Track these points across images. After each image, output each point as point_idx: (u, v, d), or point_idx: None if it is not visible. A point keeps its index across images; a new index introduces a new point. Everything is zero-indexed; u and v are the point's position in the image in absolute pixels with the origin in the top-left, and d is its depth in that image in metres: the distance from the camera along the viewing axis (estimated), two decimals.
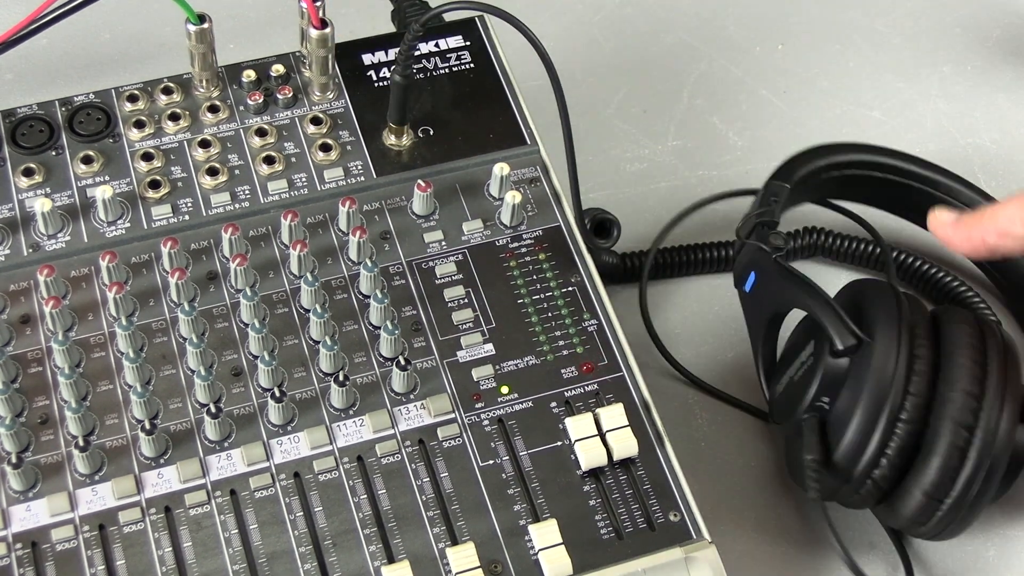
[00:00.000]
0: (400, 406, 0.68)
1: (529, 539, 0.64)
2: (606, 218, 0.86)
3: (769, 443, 0.81)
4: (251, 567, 0.63)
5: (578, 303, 0.72)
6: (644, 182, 0.93)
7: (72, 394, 0.66)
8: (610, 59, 1.00)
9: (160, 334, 0.69)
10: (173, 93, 0.77)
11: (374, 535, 0.64)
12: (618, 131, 0.96)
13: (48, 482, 0.65)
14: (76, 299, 0.70)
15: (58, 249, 0.71)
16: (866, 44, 1.03)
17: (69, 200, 0.73)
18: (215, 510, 0.65)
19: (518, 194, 0.73)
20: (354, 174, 0.75)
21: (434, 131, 0.77)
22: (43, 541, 0.63)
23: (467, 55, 0.80)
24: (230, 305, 0.70)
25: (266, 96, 0.77)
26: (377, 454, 0.67)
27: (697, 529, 0.65)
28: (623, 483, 0.67)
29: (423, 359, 0.70)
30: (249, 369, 0.69)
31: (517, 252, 0.74)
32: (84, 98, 0.76)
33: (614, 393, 0.69)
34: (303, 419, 0.67)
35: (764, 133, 0.97)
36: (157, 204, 0.73)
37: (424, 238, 0.73)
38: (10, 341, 0.68)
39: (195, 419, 0.67)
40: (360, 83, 0.78)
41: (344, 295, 0.71)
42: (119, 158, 0.74)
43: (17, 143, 0.74)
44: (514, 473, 0.67)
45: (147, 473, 0.65)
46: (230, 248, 0.71)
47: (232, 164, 0.75)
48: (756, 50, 1.02)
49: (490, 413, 0.68)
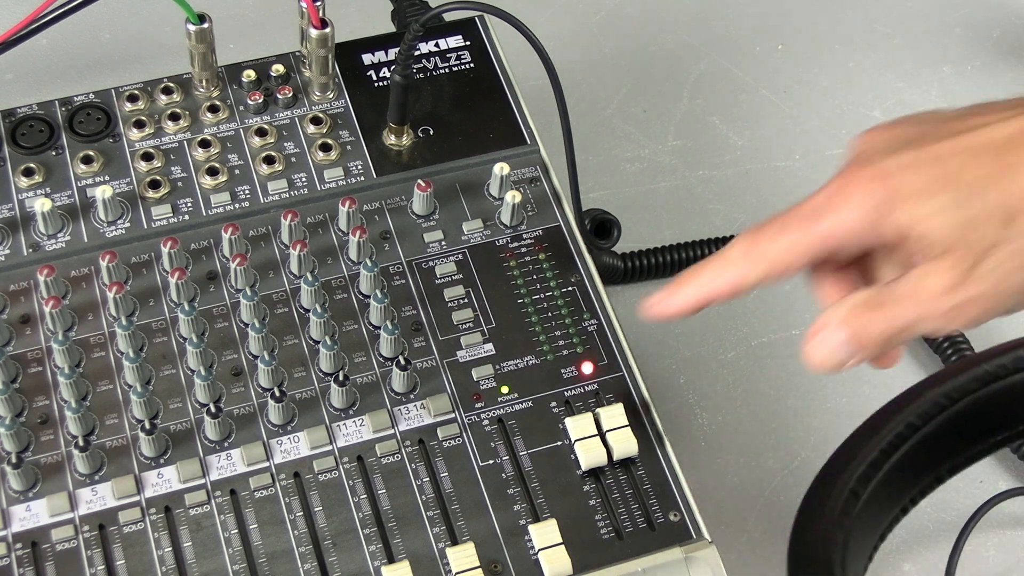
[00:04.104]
0: (400, 406, 0.68)
1: (529, 539, 0.64)
2: (606, 218, 0.86)
3: (769, 443, 0.81)
4: (251, 567, 0.63)
5: (578, 303, 0.72)
6: (644, 182, 0.93)
7: (72, 394, 0.66)
8: (610, 59, 1.00)
9: (160, 334, 0.69)
10: (173, 93, 0.77)
11: (374, 535, 0.64)
12: (618, 131, 0.96)
13: (48, 482, 0.65)
14: (76, 299, 0.70)
15: (58, 249, 0.71)
16: (866, 44, 1.03)
17: (69, 200, 0.73)
18: (215, 510, 0.65)
19: (518, 194, 0.73)
20: (354, 174, 0.75)
21: (434, 131, 0.77)
22: (43, 541, 0.63)
23: (467, 55, 0.80)
24: (230, 305, 0.70)
25: (266, 96, 0.77)
26: (377, 454, 0.67)
27: (697, 529, 0.65)
28: (623, 483, 0.67)
29: (423, 359, 0.70)
30: (249, 369, 0.69)
31: (517, 252, 0.74)
32: (84, 98, 0.76)
33: (614, 393, 0.69)
34: (303, 419, 0.67)
35: (764, 133, 0.97)
36: (157, 204, 0.73)
37: (424, 238, 0.73)
38: (10, 341, 0.68)
39: (195, 419, 0.67)
40: (360, 83, 0.78)
41: (344, 295, 0.71)
42: (119, 158, 0.74)
43: (17, 143, 0.74)
44: (514, 473, 0.67)
45: (147, 473, 0.65)
46: (230, 248, 0.71)
47: (232, 164, 0.75)
48: (756, 50, 1.02)
49: (490, 413, 0.68)
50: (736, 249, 0.60)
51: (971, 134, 0.57)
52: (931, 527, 0.79)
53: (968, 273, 0.56)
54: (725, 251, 0.61)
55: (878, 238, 0.57)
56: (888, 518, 0.56)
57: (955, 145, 0.57)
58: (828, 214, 0.58)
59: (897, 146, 0.58)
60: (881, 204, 0.57)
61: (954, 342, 0.83)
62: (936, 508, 0.79)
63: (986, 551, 0.77)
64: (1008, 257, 0.55)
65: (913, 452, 0.54)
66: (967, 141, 0.57)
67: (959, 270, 0.56)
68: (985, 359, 0.56)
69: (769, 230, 0.60)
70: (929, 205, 0.56)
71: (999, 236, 0.55)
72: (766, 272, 0.60)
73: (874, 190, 0.57)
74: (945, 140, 0.57)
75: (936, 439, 0.55)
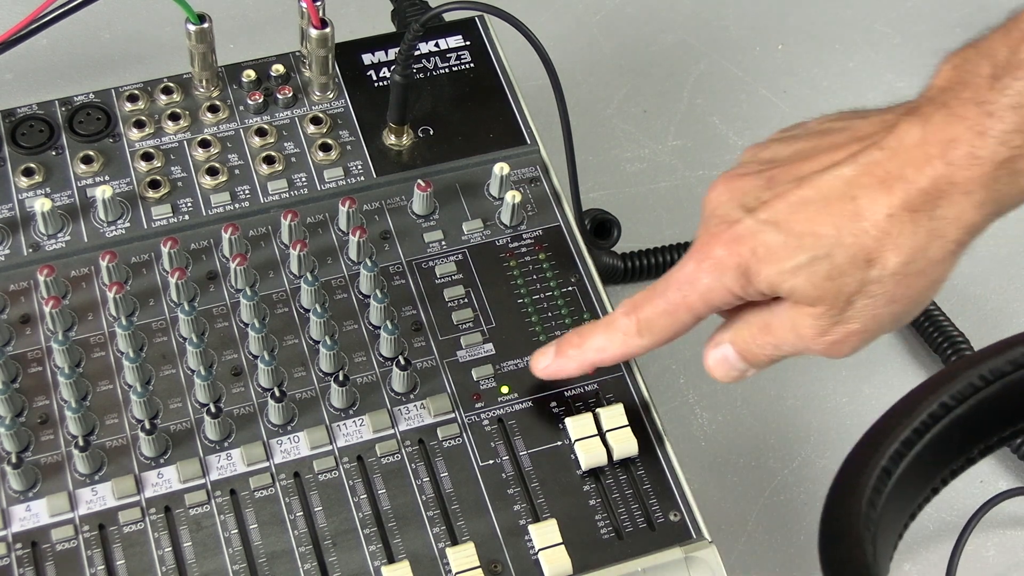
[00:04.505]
0: (400, 406, 0.68)
1: (529, 539, 0.64)
2: (606, 218, 0.86)
3: (769, 443, 0.81)
4: (251, 567, 0.63)
5: (578, 303, 0.72)
6: (644, 182, 0.93)
7: (72, 394, 0.66)
8: (610, 59, 1.00)
9: (160, 334, 0.69)
10: (173, 93, 0.77)
11: (374, 535, 0.64)
12: (618, 131, 0.96)
13: (48, 482, 0.65)
14: (76, 299, 0.70)
15: (58, 249, 0.71)
16: (866, 44, 1.03)
17: (69, 200, 0.73)
18: (215, 510, 0.65)
19: (518, 194, 0.73)
20: (354, 174, 0.75)
21: (434, 131, 0.77)
22: (43, 541, 0.63)
23: (467, 55, 0.80)
24: (230, 305, 0.70)
25: (266, 96, 0.77)
26: (377, 454, 0.67)
27: (697, 529, 0.65)
28: (623, 483, 0.67)
29: (423, 359, 0.70)
30: (249, 369, 0.69)
31: (517, 252, 0.74)
32: (84, 98, 0.76)
33: (614, 393, 0.69)
34: (303, 419, 0.67)
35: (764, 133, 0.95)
36: (157, 204, 0.73)
37: (424, 238, 0.73)
38: (10, 341, 0.68)
39: (195, 419, 0.67)
40: (360, 83, 0.78)
41: (344, 295, 0.71)
42: (119, 158, 0.74)
43: (17, 143, 0.74)
44: (514, 473, 0.67)
45: (147, 473, 0.65)
46: (230, 248, 0.71)
47: (232, 164, 0.75)
48: (756, 50, 1.02)
49: (490, 413, 0.68)
50: (623, 320, 0.65)
51: (815, 183, 0.59)
52: (931, 527, 0.79)
53: (838, 318, 0.59)
54: (613, 320, 0.65)
55: (753, 295, 0.61)
56: (920, 497, 0.57)
57: (801, 198, 0.59)
58: (700, 283, 0.61)
59: (747, 201, 0.61)
60: (744, 269, 0.60)
61: (954, 342, 0.83)
62: (936, 508, 0.79)
63: (986, 551, 0.77)
64: (875, 298, 0.59)
65: (946, 432, 0.55)
66: (812, 191, 0.59)
67: (829, 318, 0.59)
68: (1021, 342, 0.56)
69: (653, 302, 0.63)
70: (789, 264, 0.59)
71: (863, 278, 0.58)
72: (653, 343, 0.64)
73: (733, 255, 0.60)
74: (791, 190, 0.59)
75: (969, 420, 0.55)
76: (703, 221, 0.63)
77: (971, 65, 0.56)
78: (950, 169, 0.56)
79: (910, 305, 0.59)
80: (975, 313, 0.88)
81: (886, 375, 0.85)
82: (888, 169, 0.57)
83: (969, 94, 0.56)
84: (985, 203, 0.56)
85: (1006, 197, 0.57)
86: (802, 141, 0.63)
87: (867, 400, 0.84)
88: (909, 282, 0.58)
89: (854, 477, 0.54)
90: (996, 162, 0.55)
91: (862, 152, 0.58)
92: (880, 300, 0.59)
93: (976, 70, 0.56)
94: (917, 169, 0.56)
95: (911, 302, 0.59)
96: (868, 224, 0.57)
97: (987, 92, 0.55)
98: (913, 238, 0.57)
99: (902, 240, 0.57)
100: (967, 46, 0.58)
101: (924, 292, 0.59)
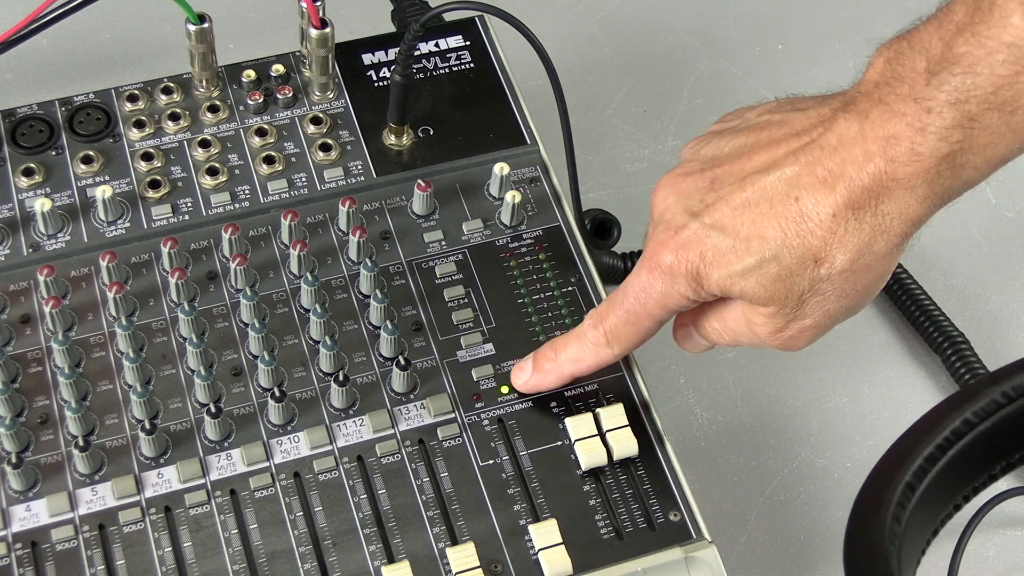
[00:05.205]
0: (400, 406, 0.68)
1: (529, 539, 0.64)
2: (606, 218, 0.86)
3: (769, 443, 0.81)
4: (251, 567, 0.63)
5: (578, 303, 0.72)
6: (644, 182, 0.93)
7: (72, 394, 0.66)
8: (610, 59, 1.00)
9: (160, 334, 0.69)
10: (173, 93, 0.77)
11: (374, 535, 0.64)
12: (618, 131, 0.96)
13: (48, 482, 0.65)
14: (76, 299, 0.70)
15: (58, 249, 0.71)
16: (866, 44, 1.02)
17: (69, 200, 0.73)
18: (215, 510, 0.65)
19: (518, 194, 0.73)
20: (354, 174, 0.75)
21: (434, 131, 0.77)
22: (43, 541, 0.63)
23: (467, 55, 0.80)
24: (230, 305, 0.70)
25: (266, 96, 0.77)
26: (377, 454, 0.67)
27: (697, 529, 0.65)
28: (623, 483, 0.67)
29: (423, 359, 0.70)
30: (249, 369, 0.69)
31: (517, 252, 0.74)
32: (84, 98, 0.76)
33: (614, 393, 0.69)
34: (303, 419, 0.67)
35: None
36: (157, 204, 0.73)
37: (424, 238, 0.73)
38: (10, 341, 0.68)
39: (195, 419, 0.67)
40: (360, 83, 0.78)
41: (344, 295, 0.71)
42: (119, 158, 0.74)
43: (17, 143, 0.74)
44: (514, 473, 0.67)
45: (147, 473, 0.65)
46: (230, 248, 0.71)
47: (232, 164, 0.75)
48: (756, 50, 1.02)
49: (490, 413, 0.68)
50: (591, 332, 0.66)
51: (758, 183, 0.59)
52: None
53: (791, 316, 0.61)
54: (583, 332, 0.67)
55: (706, 297, 0.62)
56: (943, 513, 0.57)
57: (745, 200, 0.60)
58: (654, 290, 0.63)
59: (692, 204, 0.62)
60: (695, 275, 0.61)
61: (954, 342, 0.83)
62: None
63: (986, 551, 0.77)
64: (825, 295, 0.60)
65: (969, 449, 0.55)
66: (755, 193, 0.59)
67: (782, 317, 0.61)
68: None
69: (615, 312, 0.65)
70: (738, 267, 0.60)
71: (813, 278, 0.59)
72: (624, 350, 0.67)
73: (683, 261, 0.61)
74: (735, 192, 0.60)
75: (992, 437, 0.55)
76: (651, 225, 0.64)
77: (906, 59, 0.56)
78: (892, 166, 0.56)
79: (860, 298, 0.60)
80: (975, 313, 0.88)
81: (886, 375, 0.85)
82: (829, 168, 0.57)
83: (906, 89, 0.56)
84: (928, 197, 0.57)
85: (948, 190, 0.57)
86: (742, 136, 0.63)
87: (867, 400, 0.84)
88: (857, 278, 0.59)
89: (879, 492, 0.54)
90: (937, 157, 0.55)
91: (802, 150, 0.58)
92: (831, 297, 0.59)
93: (911, 64, 0.56)
94: (858, 167, 0.56)
95: (861, 295, 0.60)
96: (813, 224, 0.58)
97: (924, 88, 0.55)
98: (858, 235, 0.57)
99: (848, 238, 0.57)
100: (899, 38, 0.58)
101: (873, 284, 0.60)
